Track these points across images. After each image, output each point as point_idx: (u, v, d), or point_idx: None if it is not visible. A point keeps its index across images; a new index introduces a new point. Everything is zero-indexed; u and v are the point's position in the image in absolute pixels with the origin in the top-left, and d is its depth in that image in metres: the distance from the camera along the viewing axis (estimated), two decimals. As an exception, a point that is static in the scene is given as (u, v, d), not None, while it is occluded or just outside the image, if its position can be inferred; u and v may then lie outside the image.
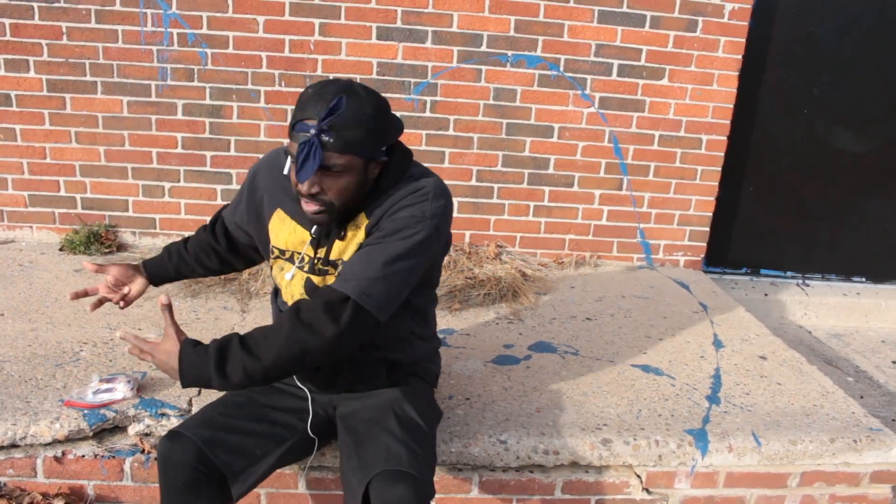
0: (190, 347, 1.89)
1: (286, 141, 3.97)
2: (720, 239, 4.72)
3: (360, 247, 1.99)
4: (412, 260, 1.94)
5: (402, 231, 1.93)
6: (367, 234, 1.99)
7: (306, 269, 2.09)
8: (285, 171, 2.03)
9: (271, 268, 2.20)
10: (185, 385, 1.88)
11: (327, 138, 1.77)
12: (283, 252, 2.13)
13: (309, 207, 1.90)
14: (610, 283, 4.11)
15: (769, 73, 4.45)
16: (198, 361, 1.86)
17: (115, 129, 3.95)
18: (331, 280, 2.04)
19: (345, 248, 2.02)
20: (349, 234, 2.01)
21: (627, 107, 4.16)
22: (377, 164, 1.93)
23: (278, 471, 2.29)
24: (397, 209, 1.95)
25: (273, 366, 1.84)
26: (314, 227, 2.04)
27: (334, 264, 2.04)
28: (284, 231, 2.11)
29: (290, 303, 2.12)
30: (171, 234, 4.14)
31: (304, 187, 1.84)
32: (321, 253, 2.05)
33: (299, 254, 2.09)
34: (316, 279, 2.08)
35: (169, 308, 1.95)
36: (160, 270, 2.47)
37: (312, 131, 1.76)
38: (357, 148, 1.82)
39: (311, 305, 1.88)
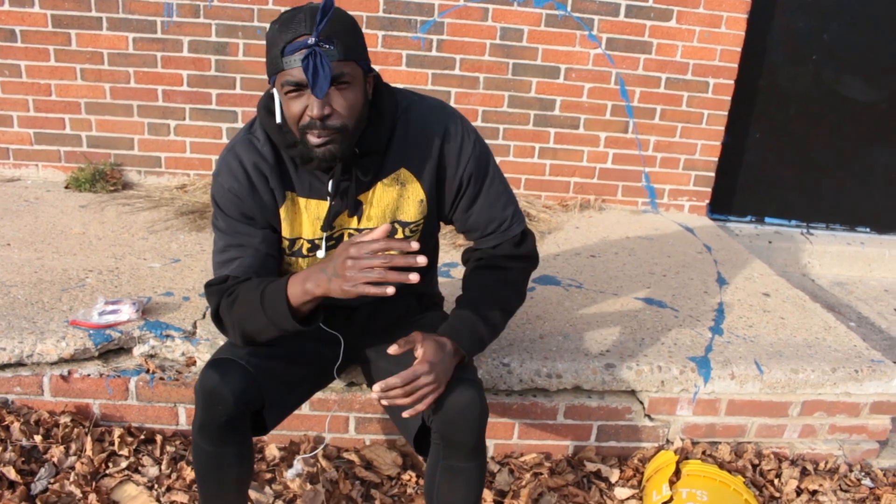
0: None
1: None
2: (725, 186, 4.71)
3: (436, 201, 1.96)
4: (498, 169, 2.02)
5: (487, 164, 1.96)
6: (444, 191, 1.96)
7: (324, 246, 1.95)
8: (278, 120, 1.76)
9: (286, 263, 2.01)
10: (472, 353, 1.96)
11: (328, 46, 1.61)
12: (312, 242, 1.94)
13: (317, 139, 1.70)
14: (614, 224, 4.11)
15: (778, 18, 4.40)
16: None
17: (121, 66, 3.93)
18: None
19: (398, 206, 1.92)
20: (392, 191, 1.89)
21: (634, 48, 4.12)
22: (371, 78, 1.78)
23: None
24: (457, 153, 1.91)
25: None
26: (330, 181, 1.83)
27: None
28: (306, 217, 1.92)
29: None
30: (176, 173, 4.14)
31: (316, 110, 1.64)
32: (353, 222, 1.92)
33: (329, 239, 1.93)
34: None
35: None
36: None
37: (312, 40, 1.59)
38: (356, 53, 1.68)
39: (509, 264, 2.03)
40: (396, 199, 1.91)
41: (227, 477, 1.93)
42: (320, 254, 1.92)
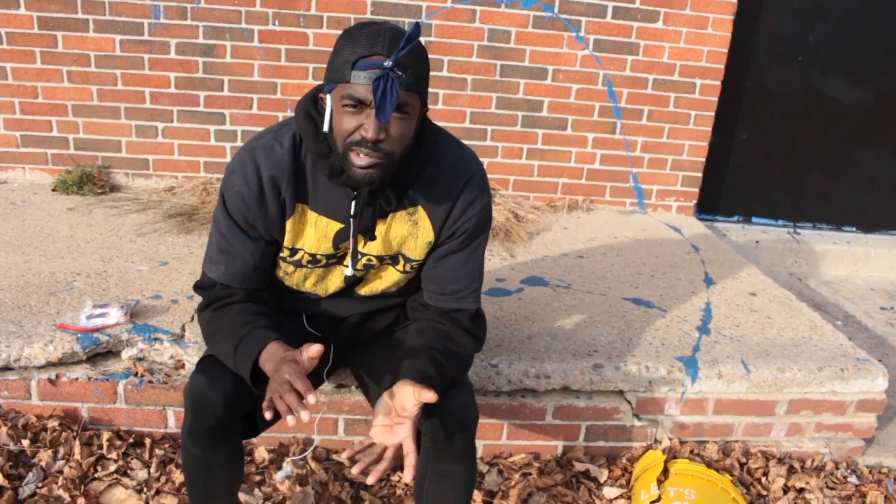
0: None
1: (280, 81, 3.97)
2: (712, 186, 4.73)
3: (433, 246, 1.94)
4: (484, 248, 2.01)
5: (483, 231, 1.95)
6: (440, 235, 1.92)
7: (352, 264, 1.96)
8: (325, 128, 1.70)
9: (283, 270, 2.01)
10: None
11: (401, 73, 1.58)
12: (313, 256, 1.93)
13: (363, 160, 1.66)
14: (602, 225, 4.13)
15: (764, 19, 4.43)
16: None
17: (108, 68, 3.92)
18: (386, 273, 2.01)
19: (405, 242, 1.92)
20: (404, 226, 1.89)
21: (622, 50, 4.14)
22: (422, 114, 1.76)
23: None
24: (466, 206, 1.88)
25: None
26: (354, 202, 1.81)
27: (394, 258, 1.96)
28: (312, 232, 1.89)
29: (321, 293, 2.05)
30: (163, 176, 4.13)
31: (372, 132, 1.60)
32: (360, 244, 1.92)
33: (331, 256, 1.94)
34: (359, 273, 1.99)
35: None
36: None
37: (388, 63, 1.56)
38: (422, 86, 1.66)
39: (457, 336, 1.94)
40: (406, 235, 1.90)
41: (216, 480, 1.93)
42: (348, 272, 1.95)
